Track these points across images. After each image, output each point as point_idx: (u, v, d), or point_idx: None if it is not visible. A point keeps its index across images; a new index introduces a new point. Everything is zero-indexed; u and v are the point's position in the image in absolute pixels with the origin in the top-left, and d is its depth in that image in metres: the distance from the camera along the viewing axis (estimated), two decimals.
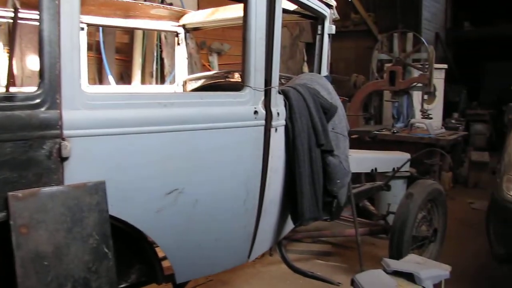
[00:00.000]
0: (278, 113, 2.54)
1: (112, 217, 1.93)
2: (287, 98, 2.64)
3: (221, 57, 7.19)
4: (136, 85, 5.86)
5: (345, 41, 9.90)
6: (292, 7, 3.15)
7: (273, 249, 4.27)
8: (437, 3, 11.72)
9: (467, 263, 4.56)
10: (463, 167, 8.52)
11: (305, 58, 9.56)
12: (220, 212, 2.38)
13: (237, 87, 2.45)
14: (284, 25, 2.53)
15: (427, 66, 6.34)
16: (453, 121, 8.28)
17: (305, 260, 4.50)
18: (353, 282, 2.84)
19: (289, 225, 2.97)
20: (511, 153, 4.26)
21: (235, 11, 3.65)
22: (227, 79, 3.78)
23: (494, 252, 4.39)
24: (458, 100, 10.57)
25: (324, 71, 3.29)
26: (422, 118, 6.56)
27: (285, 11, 2.76)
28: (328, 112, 2.74)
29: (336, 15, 3.29)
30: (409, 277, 2.94)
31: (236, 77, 3.67)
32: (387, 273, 3.00)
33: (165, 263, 2.31)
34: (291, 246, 4.68)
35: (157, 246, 2.24)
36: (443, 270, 3.09)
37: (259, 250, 2.71)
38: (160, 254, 2.28)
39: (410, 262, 3.25)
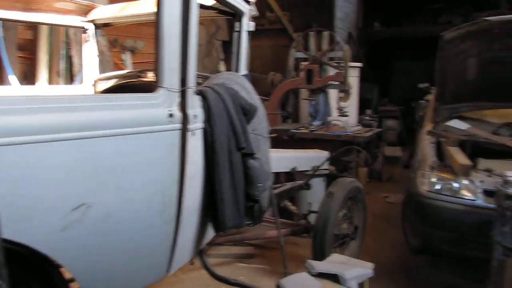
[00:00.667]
0: (195, 116, 2.38)
1: (6, 240, 1.66)
2: (204, 99, 2.48)
3: (135, 55, 6.92)
4: (41, 86, 5.45)
5: (261, 39, 9.90)
6: (209, 2, 3.00)
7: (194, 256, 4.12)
8: (350, 3, 12.04)
9: (385, 256, 4.67)
10: (377, 162, 8.81)
11: (222, 57, 9.45)
12: (135, 225, 2.17)
13: (150, 87, 2.26)
14: (200, 22, 2.38)
15: (342, 65, 6.43)
16: (367, 117, 8.51)
17: (227, 264, 4.38)
18: (277, 287, 2.75)
19: (211, 233, 2.83)
20: (424, 149, 4.38)
21: (148, 6, 3.44)
22: (140, 79, 3.57)
23: (409, 244, 4.52)
24: (370, 97, 10.92)
25: (243, 69, 3.18)
26: (338, 115, 6.66)
27: (201, 6, 2.61)
28: (248, 113, 2.62)
29: (255, 12, 3.19)
30: (334, 278, 2.91)
31: (150, 76, 3.47)
32: (312, 275, 2.95)
33: (74, 285, 2.09)
34: (212, 251, 4.54)
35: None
36: (366, 269, 3.09)
37: (180, 262, 2.55)
38: (68, 275, 2.05)
39: (334, 262, 3.22)
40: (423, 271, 4.37)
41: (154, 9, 2.23)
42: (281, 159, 4.82)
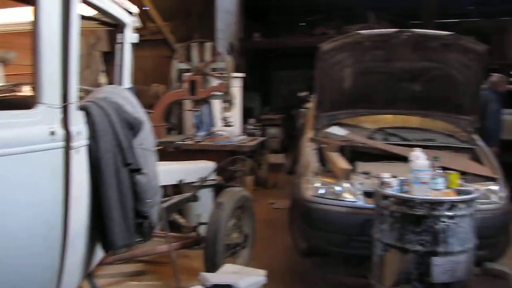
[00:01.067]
0: (78, 132, 2.25)
1: None
2: (88, 114, 2.36)
3: (6, 67, 6.41)
4: None
5: (143, 50, 9.67)
6: (90, 13, 2.87)
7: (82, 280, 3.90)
8: (230, 14, 12.26)
9: (276, 262, 4.78)
10: (262, 169, 9.03)
11: (102, 68, 9.11)
12: (15, 255, 1.97)
13: (28, 103, 2.10)
14: (80, 33, 2.26)
15: (225, 75, 6.52)
16: (250, 126, 8.69)
17: (118, 284, 4.20)
18: None
19: (100, 254, 2.69)
20: (306, 155, 4.59)
21: (22, 14, 3.20)
22: (15, 94, 3.31)
23: (298, 247, 4.69)
24: (253, 106, 11.19)
25: (127, 82, 3.09)
26: (223, 126, 6.72)
27: (83, 17, 2.49)
28: (134, 127, 2.54)
29: (138, 23, 3.11)
30: None
31: (27, 91, 3.23)
32: (206, 287, 2.95)
33: None
34: (101, 271, 4.32)
35: None
36: (259, 276, 3.15)
37: None
38: None
39: (227, 272, 3.25)
40: (312, 273, 4.54)
41: (30, 18, 2.07)
42: (167, 172, 4.73)
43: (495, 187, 4.08)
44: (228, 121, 6.74)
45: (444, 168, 3.55)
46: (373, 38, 4.61)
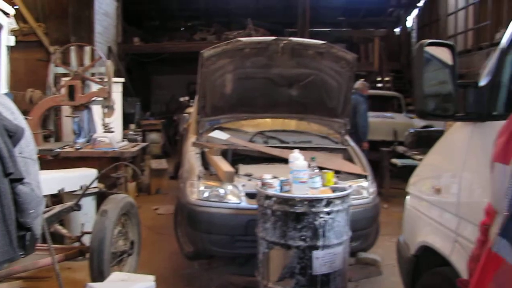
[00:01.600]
0: None
1: None
2: None
3: None
4: None
5: (13, 53, 9.09)
6: None
7: None
8: (109, 17, 11.92)
9: (163, 267, 4.79)
10: (144, 175, 8.90)
11: None
12: None
13: None
14: None
15: (105, 80, 6.35)
16: (131, 132, 8.53)
17: None
18: None
19: None
20: (190, 160, 4.65)
21: None
22: None
23: (184, 251, 4.74)
24: (133, 111, 10.99)
25: (3, 88, 2.93)
26: (104, 132, 6.54)
27: None
28: (14, 135, 2.43)
29: (14, 25, 2.97)
30: None
31: None
32: None
33: None
34: None
35: None
36: (148, 282, 3.15)
37: None
38: None
39: (115, 281, 3.21)
40: (200, 275, 4.61)
41: None
42: (47, 181, 4.51)
43: (365, 184, 4.46)
44: (108, 127, 6.57)
45: (321, 168, 3.82)
46: (253, 45, 4.80)
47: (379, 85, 15.49)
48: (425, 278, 2.58)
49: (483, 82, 2.14)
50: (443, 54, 2.29)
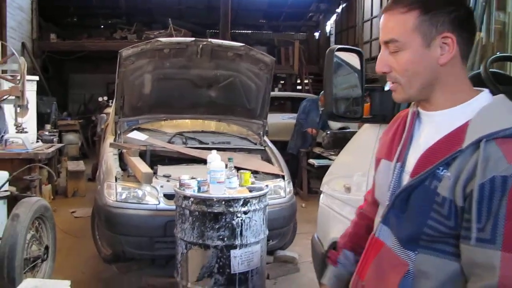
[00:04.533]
0: None
1: None
2: None
3: None
4: None
5: None
6: None
7: None
8: (22, 12, 11.38)
9: (80, 271, 4.66)
10: (60, 177, 8.60)
11: None
12: None
13: None
14: None
15: (18, 78, 6.07)
16: (46, 133, 8.21)
17: None
18: None
19: None
20: (107, 161, 4.58)
21: None
22: None
23: (102, 254, 4.66)
24: (49, 111, 10.56)
25: None
26: (16, 132, 6.25)
27: None
28: None
29: None
30: None
31: None
32: None
33: None
34: None
35: None
36: (63, 286, 3.06)
37: None
38: None
39: None
40: (117, 278, 4.53)
41: None
42: None
43: (282, 184, 4.59)
44: (21, 127, 6.29)
45: (238, 168, 3.89)
46: (172, 46, 4.80)
47: (299, 87, 15.88)
48: None
49: (388, 86, 2.29)
50: (352, 60, 2.41)
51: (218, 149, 3.89)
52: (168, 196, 4.07)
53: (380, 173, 1.45)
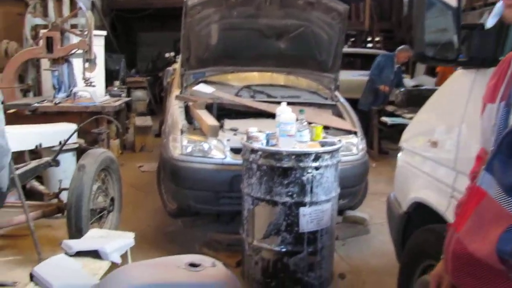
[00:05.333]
0: None
1: None
2: None
3: None
4: None
5: None
6: None
7: None
8: None
9: (146, 224, 4.67)
10: (129, 133, 8.75)
11: None
12: None
13: None
14: None
15: (86, 33, 6.06)
16: (115, 89, 8.32)
17: None
18: (32, 277, 2.46)
19: None
20: (173, 114, 4.47)
21: None
22: None
23: (167, 208, 4.62)
24: (118, 68, 10.68)
25: None
26: (85, 86, 6.30)
27: None
28: None
29: None
30: (94, 254, 2.75)
31: None
32: (70, 256, 2.74)
33: None
34: None
35: None
36: (127, 239, 3.00)
37: None
38: None
39: (93, 238, 3.06)
40: (182, 233, 4.49)
41: None
42: (23, 136, 4.35)
43: (355, 140, 4.31)
44: (90, 81, 6.33)
45: (309, 123, 3.65)
46: None
47: (369, 45, 15.24)
48: (417, 235, 2.46)
49: (489, 24, 1.97)
50: None
51: (287, 103, 3.63)
52: (235, 150, 3.90)
53: (485, 118, 1.31)
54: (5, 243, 4.10)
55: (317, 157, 3.18)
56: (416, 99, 6.64)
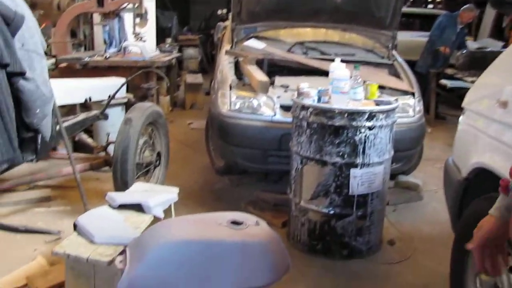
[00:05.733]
0: None
1: None
2: None
3: None
4: None
5: None
6: None
7: None
8: None
9: (193, 181, 4.63)
10: (179, 90, 8.74)
11: None
12: None
13: None
14: None
15: None
16: (167, 46, 8.28)
17: (21, 211, 3.81)
18: (75, 226, 2.44)
19: None
20: (223, 69, 4.36)
21: None
22: None
23: (215, 166, 4.56)
24: (170, 25, 10.62)
25: None
26: (135, 41, 6.25)
27: None
28: (11, 22, 2.13)
29: None
30: (138, 208, 2.70)
31: None
32: (113, 208, 2.71)
33: None
34: (1, 199, 3.95)
35: None
36: (171, 194, 2.95)
37: None
38: None
39: (137, 191, 3.02)
40: (229, 190, 4.43)
41: None
42: (73, 89, 4.36)
43: (411, 101, 4.06)
44: (140, 36, 6.28)
45: (363, 82, 3.43)
46: None
47: (430, 6, 14.49)
48: (477, 203, 2.26)
49: None
50: None
51: (342, 61, 3.42)
52: (285, 108, 3.75)
53: None
54: (56, 193, 4.16)
55: (371, 116, 2.99)
56: (479, 62, 6.26)
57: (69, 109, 4.48)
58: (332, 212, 3.12)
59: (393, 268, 3.17)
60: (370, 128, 3.00)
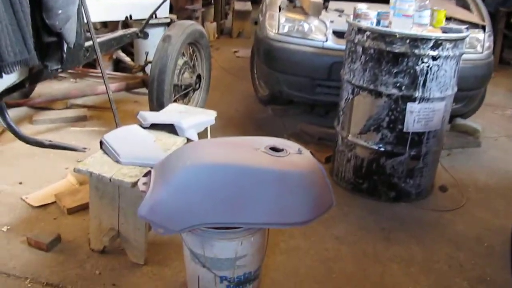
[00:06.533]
0: None
1: None
2: None
3: None
4: None
5: None
6: None
7: None
8: None
9: (234, 108, 4.42)
10: (227, 19, 8.41)
11: None
12: None
13: None
14: None
15: None
16: None
17: (56, 129, 3.71)
18: (102, 144, 2.27)
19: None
20: None
21: None
22: None
23: (258, 94, 4.30)
24: None
25: None
26: None
27: None
28: None
29: None
30: (170, 128, 2.50)
31: None
32: (143, 127, 2.51)
33: None
34: (38, 116, 3.84)
35: None
36: (207, 116, 2.72)
37: None
38: None
39: (171, 112, 2.81)
40: (271, 120, 4.19)
41: None
42: (113, 6, 4.11)
43: (481, 36, 3.62)
44: None
45: None
46: None
47: None
48: None
49: None
50: None
51: None
52: (338, 34, 3.40)
53: None
54: (93, 114, 4.03)
55: (437, 44, 2.62)
56: None
57: (110, 27, 4.28)
58: (382, 149, 2.83)
59: (443, 216, 2.89)
60: (434, 58, 2.64)
